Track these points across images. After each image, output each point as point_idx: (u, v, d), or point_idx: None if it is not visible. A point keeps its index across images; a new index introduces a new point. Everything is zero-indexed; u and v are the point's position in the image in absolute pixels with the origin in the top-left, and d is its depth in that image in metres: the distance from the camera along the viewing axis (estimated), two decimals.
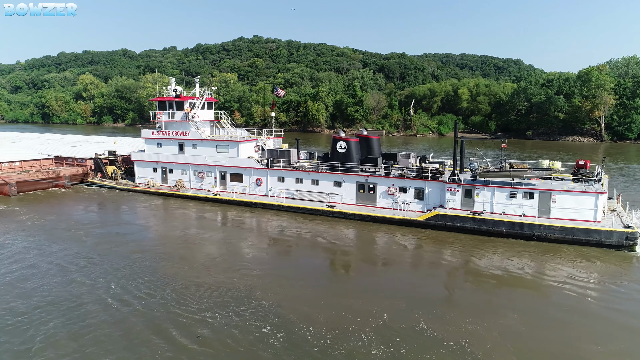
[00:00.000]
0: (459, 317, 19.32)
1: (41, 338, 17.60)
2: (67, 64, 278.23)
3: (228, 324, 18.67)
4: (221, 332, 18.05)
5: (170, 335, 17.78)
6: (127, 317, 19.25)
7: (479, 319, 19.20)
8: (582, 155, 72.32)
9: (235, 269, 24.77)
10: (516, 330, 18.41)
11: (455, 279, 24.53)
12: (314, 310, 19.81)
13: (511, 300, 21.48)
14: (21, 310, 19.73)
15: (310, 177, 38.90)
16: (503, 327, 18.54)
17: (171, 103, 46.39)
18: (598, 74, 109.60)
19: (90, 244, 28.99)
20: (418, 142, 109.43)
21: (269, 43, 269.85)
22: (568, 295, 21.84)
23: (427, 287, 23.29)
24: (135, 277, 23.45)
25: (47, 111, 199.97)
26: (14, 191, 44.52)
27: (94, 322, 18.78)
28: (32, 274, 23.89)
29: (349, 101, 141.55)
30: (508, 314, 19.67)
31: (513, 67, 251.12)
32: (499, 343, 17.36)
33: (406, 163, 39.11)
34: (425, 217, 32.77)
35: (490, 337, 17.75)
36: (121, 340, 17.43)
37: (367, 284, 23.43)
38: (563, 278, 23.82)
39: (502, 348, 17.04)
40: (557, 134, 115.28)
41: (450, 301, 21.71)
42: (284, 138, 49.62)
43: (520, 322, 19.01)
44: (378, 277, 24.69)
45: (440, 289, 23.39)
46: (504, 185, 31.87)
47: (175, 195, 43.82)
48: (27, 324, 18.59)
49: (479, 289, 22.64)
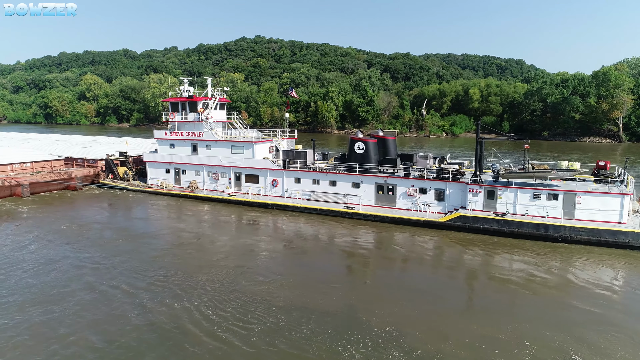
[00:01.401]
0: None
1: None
2: (68, 64, 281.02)
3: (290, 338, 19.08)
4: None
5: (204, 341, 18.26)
6: (160, 321, 19.81)
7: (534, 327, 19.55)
8: (600, 156, 72.31)
9: (271, 278, 24.60)
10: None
11: (496, 283, 24.90)
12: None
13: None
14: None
15: (327, 178, 39.42)
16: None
17: (184, 104, 47.08)
18: (617, 74, 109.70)
19: (119, 250, 29.06)
20: (431, 143, 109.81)
21: (271, 43, 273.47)
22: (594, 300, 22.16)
23: (473, 292, 23.68)
24: (168, 282, 23.95)
25: (51, 112, 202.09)
26: (27, 193, 45.25)
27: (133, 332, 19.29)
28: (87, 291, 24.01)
29: (360, 101, 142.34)
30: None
31: (515, 68, 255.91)
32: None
33: (424, 164, 39.63)
34: (447, 218, 33.18)
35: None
36: (160, 344, 17.95)
37: (416, 286, 23.63)
38: (597, 281, 24.15)
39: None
40: (573, 134, 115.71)
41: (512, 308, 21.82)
42: (297, 139, 50.21)
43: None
44: (425, 278, 24.88)
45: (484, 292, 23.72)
46: (528, 187, 32.23)
47: (189, 196, 44.46)
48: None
49: (532, 295, 22.88)
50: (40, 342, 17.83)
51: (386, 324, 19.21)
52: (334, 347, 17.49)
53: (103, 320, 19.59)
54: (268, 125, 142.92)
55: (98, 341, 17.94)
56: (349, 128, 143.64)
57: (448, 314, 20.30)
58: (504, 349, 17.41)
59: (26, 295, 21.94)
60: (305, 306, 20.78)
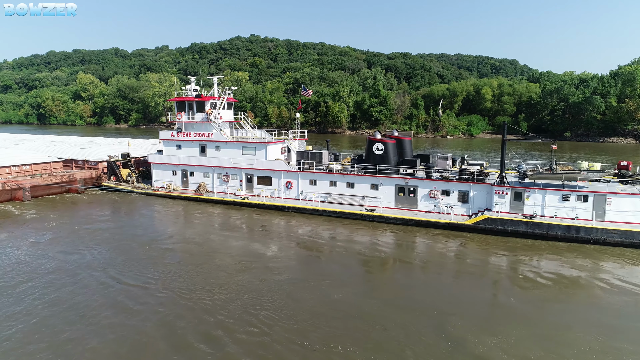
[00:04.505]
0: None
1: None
2: (57, 63, 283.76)
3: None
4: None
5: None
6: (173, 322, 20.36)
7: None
8: (623, 156, 72.98)
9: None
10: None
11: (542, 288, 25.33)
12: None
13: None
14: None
15: (345, 180, 39.96)
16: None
17: (191, 103, 47.70)
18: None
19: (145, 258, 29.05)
20: (448, 144, 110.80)
21: (267, 42, 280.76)
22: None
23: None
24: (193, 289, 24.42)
25: (44, 112, 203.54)
26: (28, 196, 45.68)
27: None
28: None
29: (373, 101, 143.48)
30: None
31: (509, 67, 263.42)
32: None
33: (444, 165, 40.10)
34: (474, 220, 33.66)
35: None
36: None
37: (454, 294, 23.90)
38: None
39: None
40: (597, 135, 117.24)
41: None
42: (307, 139, 50.83)
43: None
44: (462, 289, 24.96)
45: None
46: (557, 188, 32.75)
47: (199, 199, 44.98)
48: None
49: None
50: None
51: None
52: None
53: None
54: (275, 126, 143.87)
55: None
56: (361, 128, 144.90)
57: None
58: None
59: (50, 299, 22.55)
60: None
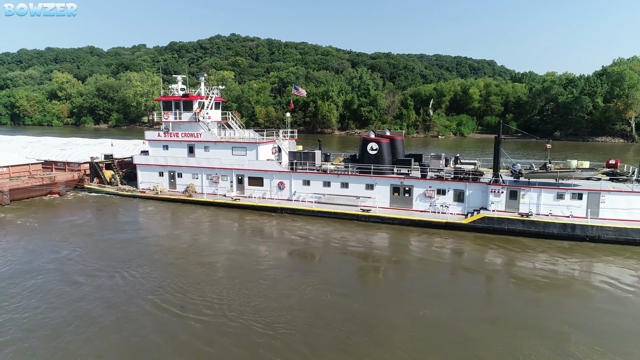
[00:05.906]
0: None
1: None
2: (30, 62, 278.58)
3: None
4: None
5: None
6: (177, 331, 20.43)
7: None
8: (611, 155, 75.14)
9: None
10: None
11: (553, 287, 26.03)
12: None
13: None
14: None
15: (339, 180, 40.33)
16: None
17: (178, 103, 47.47)
18: (631, 73, 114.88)
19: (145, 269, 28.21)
20: (439, 144, 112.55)
21: (248, 41, 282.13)
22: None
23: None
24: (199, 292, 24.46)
25: (17, 112, 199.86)
26: (7, 200, 44.79)
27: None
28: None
29: (363, 101, 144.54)
30: None
31: (488, 68, 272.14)
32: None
33: (437, 164, 40.76)
34: (471, 220, 34.40)
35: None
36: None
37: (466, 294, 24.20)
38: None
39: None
40: (586, 134, 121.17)
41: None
42: (298, 139, 51.08)
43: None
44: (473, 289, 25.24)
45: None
46: (552, 186, 33.71)
47: (188, 201, 44.78)
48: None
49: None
50: None
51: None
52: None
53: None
54: (263, 126, 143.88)
55: None
56: (351, 128, 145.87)
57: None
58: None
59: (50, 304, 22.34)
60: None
